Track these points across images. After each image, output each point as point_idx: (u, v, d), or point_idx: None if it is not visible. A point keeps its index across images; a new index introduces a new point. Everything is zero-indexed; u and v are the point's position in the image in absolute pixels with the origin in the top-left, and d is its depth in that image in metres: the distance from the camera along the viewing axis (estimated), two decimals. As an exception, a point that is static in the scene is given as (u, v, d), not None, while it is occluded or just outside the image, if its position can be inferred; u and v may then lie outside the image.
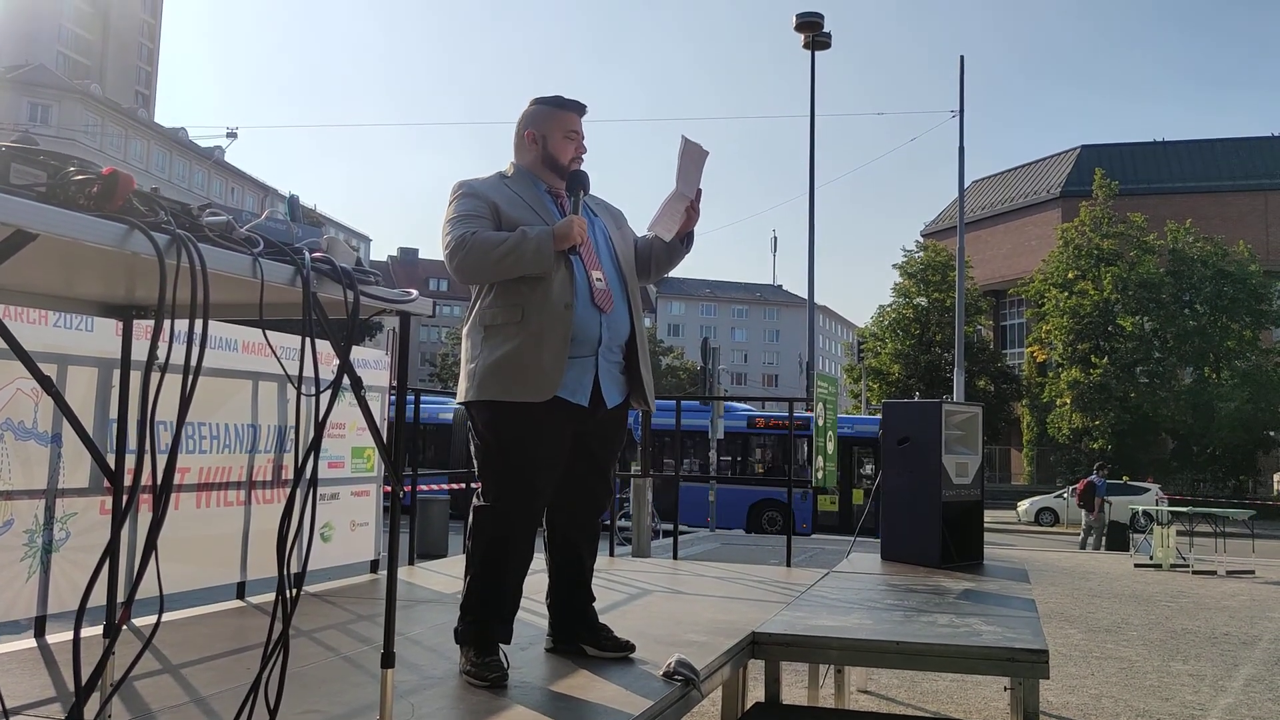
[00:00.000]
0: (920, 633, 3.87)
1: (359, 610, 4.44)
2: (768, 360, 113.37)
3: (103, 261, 2.00)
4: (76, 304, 2.92)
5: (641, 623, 4.06)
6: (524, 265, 3.17)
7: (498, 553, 3.27)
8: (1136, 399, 37.05)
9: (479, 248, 3.16)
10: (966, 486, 6.05)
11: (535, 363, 3.17)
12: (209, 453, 4.83)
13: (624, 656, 3.41)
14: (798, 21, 25.38)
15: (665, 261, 3.63)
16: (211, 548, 4.86)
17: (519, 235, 3.17)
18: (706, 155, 3.47)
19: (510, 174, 3.46)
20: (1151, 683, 6.76)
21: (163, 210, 1.79)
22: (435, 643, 3.67)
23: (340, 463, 5.81)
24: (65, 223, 1.60)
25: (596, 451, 3.45)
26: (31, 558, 3.95)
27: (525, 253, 3.15)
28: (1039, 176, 51.87)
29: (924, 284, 43.48)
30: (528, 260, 3.16)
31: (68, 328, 4.05)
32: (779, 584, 5.43)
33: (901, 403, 6.71)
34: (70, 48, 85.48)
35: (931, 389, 39.44)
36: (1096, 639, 8.44)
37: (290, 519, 2.01)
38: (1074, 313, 38.51)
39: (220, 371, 4.84)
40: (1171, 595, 11.74)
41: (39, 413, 3.95)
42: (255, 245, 1.96)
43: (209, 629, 4.00)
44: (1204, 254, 38.11)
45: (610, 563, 6.23)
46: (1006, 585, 5.25)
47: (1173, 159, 49.33)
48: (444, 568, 5.94)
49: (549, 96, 3.49)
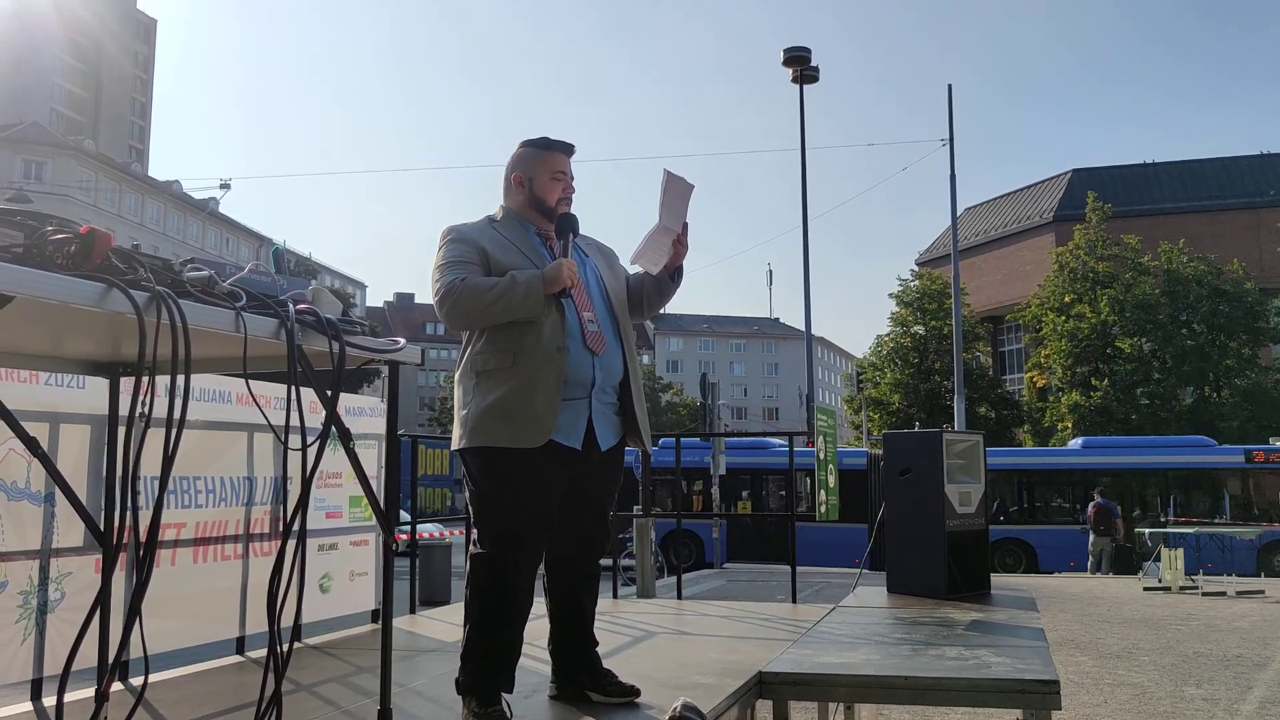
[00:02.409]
0: (929, 666, 3.82)
1: (359, 662, 4.38)
2: (767, 393, 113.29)
3: (86, 320, 1.98)
4: (65, 363, 2.91)
5: (646, 666, 4.01)
6: (514, 311, 3.15)
7: (497, 600, 3.22)
8: (1138, 420, 36.95)
9: (468, 294, 3.14)
10: (970, 515, 6.01)
11: (528, 407, 3.14)
12: (205, 507, 4.78)
13: (629, 701, 3.36)
14: (785, 56, 25.59)
15: (656, 297, 3.62)
16: (209, 603, 4.81)
17: (508, 281, 3.15)
18: (691, 189, 3.45)
19: (499, 217, 3.45)
20: (1165, 708, 6.68)
21: (142, 267, 1.78)
22: (437, 694, 3.61)
23: (338, 512, 5.76)
24: (41, 283, 1.58)
25: (593, 494, 3.41)
26: (26, 619, 3.90)
27: (514, 298, 3.13)
28: (1031, 201, 52.04)
29: (921, 312, 43.48)
30: (517, 305, 3.14)
31: (59, 385, 4.02)
32: (785, 621, 5.37)
33: (901, 433, 6.67)
34: (63, 104, 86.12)
35: (932, 417, 39.33)
36: (1108, 665, 8.35)
37: (280, 574, 1.97)
38: (1072, 336, 38.49)
39: (213, 424, 4.80)
40: (1181, 618, 11.65)
41: (31, 472, 3.91)
42: (238, 299, 1.94)
43: (208, 686, 3.94)
44: (1199, 273, 38.14)
45: (614, 604, 6.16)
46: (1015, 615, 5.19)
47: (1164, 180, 49.54)
48: (446, 615, 5.88)
49: (535, 138, 3.48)
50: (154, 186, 76.32)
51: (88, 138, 75.84)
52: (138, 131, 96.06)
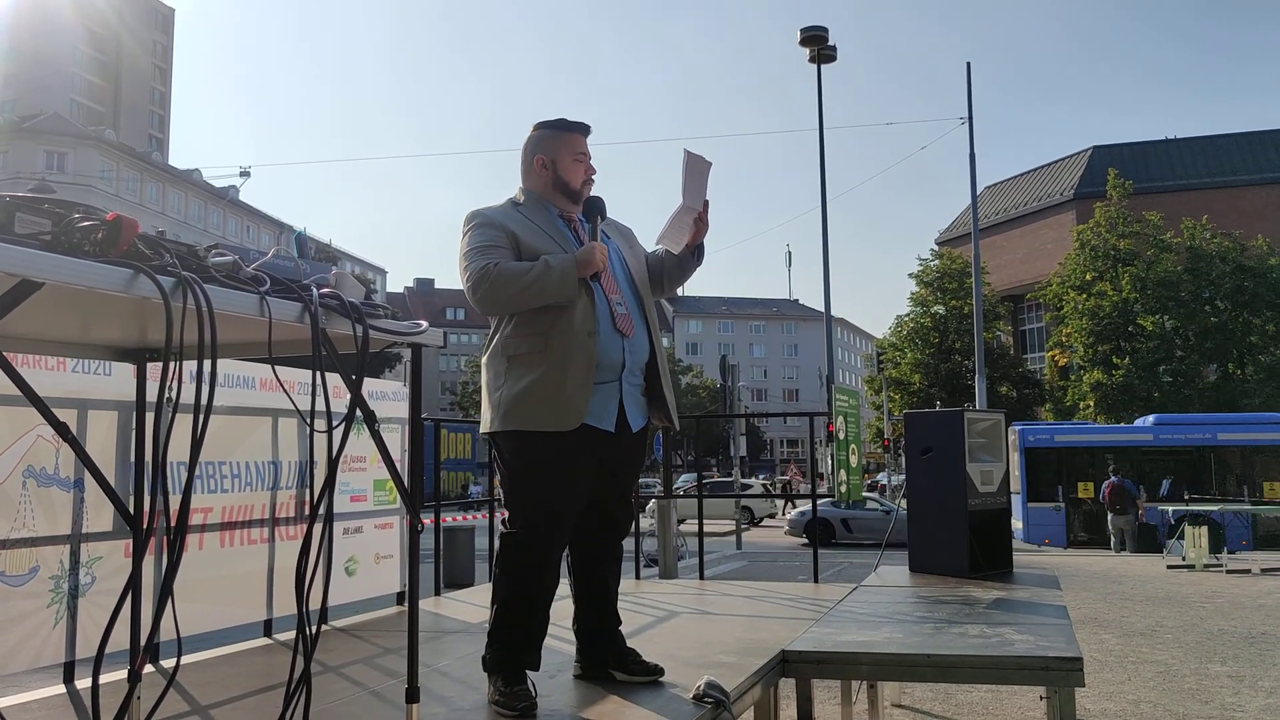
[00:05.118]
0: (952, 645, 3.83)
1: (385, 644, 4.43)
2: (788, 375, 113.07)
3: (113, 306, 2.00)
4: (92, 349, 2.93)
5: (670, 645, 4.03)
6: (548, 295, 3.15)
7: (525, 581, 3.25)
8: (1161, 398, 36.70)
9: (503, 279, 3.14)
10: (992, 494, 6.00)
11: (561, 392, 3.16)
12: (231, 491, 4.83)
13: (653, 680, 3.38)
14: (803, 35, 25.42)
15: (677, 275, 3.63)
16: (237, 586, 4.86)
17: (542, 265, 3.15)
18: (709, 166, 3.47)
19: (522, 201, 3.44)
20: (1189, 686, 6.67)
21: (168, 253, 1.80)
22: (463, 674, 3.65)
23: (363, 496, 5.80)
24: (70, 270, 1.60)
25: (620, 475, 3.44)
26: (58, 603, 3.96)
27: (549, 282, 3.13)
28: (1051, 179, 51.66)
29: (941, 292, 43.30)
30: (552, 290, 3.14)
31: (87, 373, 4.07)
32: (808, 600, 5.39)
33: (922, 413, 6.65)
34: (83, 95, 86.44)
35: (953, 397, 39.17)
36: (1132, 643, 8.34)
37: (308, 556, 1.99)
38: (1093, 314, 38.23)
39: (239, 410, 4.85)
40: (1206, 596, 11.60)
41: (60, 459, 3.96)
42: (262, 284, 1.95)
43: (236, 668, 3.99)
44: (1222, 249, 37.79)
45: (637, 585, 6.20)
46: (1037, 593, 5.19)
47: (1185, 156, 49.05)
48: (470, 597, 5.92)
49: (553, 120, 3.48)
50: (175, 175, 76.63)
51: (108, 128, 76.20)
52: (157, 121, 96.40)
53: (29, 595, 3.83)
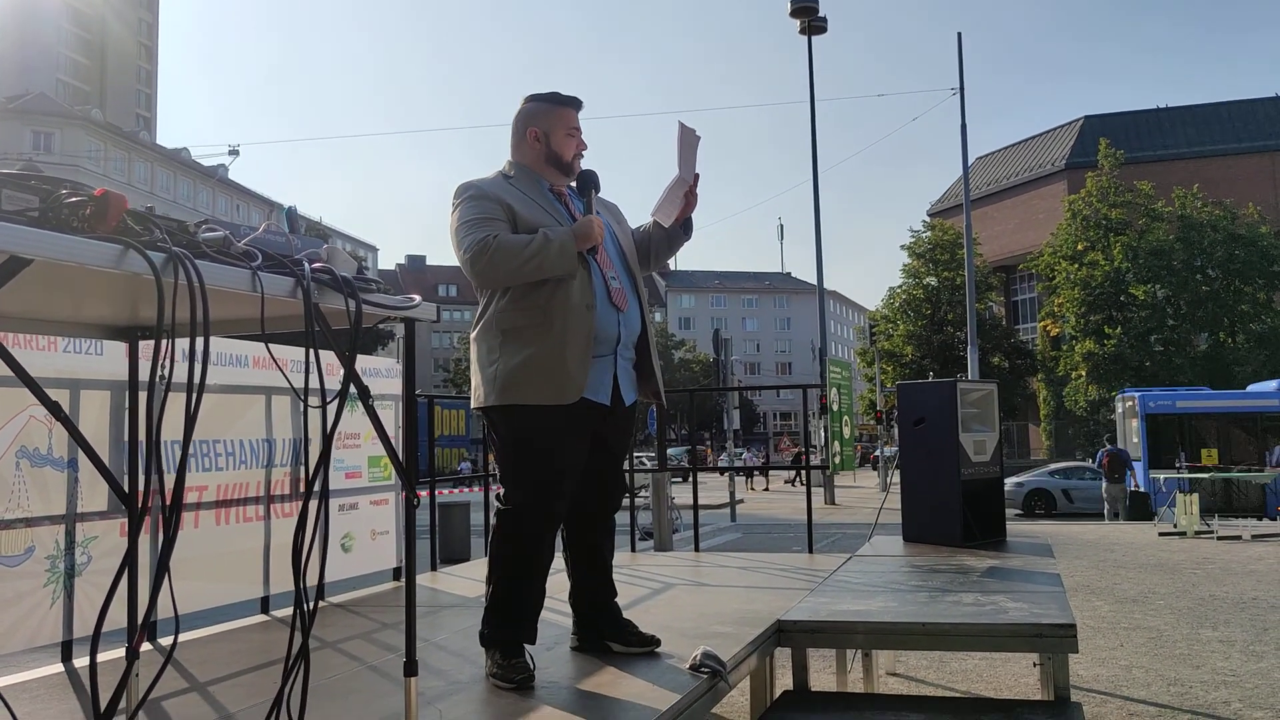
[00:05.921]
0: (946, 613, 3.85)
1: (382, 619, 4.44)
2: (780, 348, 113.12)
3: (104, 283, 1.99)
4: (84, 328, 2.92)
5: (666, 616, 4.05)
6: (548, 268, 3.14)
7: (522, 555, 3.25)
8: (1152, 368, 36.83)
9: (502, 252, 3.12)
10: (985, 464, 6.02)
11: (560, 365, 3.15)
12: (225, 469, 4.83)
13: (649, 651, 3.40)
14: (793, 7, 25.31)
15: (665, 249, 3.62)
16: (233, 564, 4.86)
17: (542, 239, 3.13)
18: (699, 140, 3.47)
19: (512, 173, 3.42)
20: (1181, 651, 6.72)
21: (158, 228, 1.78)
22: (460, 647, 3.67)
23: (358, 472, 5.80)
24: (59, 246, 1.59)
25: (614, 447, 3.45)
26: (54, 583, 3.96)
27: (549, 256, 3.12)
28: (1043, 149, 51.59)
29: (933, 263, 43.33)
30: (551, 263, 3.13)
31: (78, 352, 4.05)
32: (802, 570, 5.41)
33: (916, 384, 6.67)
34: (69, 74, 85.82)
35: (946, 368, 39.27)
36: (1124, 610, 8.39)
37: (304, 532, 2.00)
38: (1085, 284, 38.30)
39: (232, 387, 4.84)
40: (1197, 562, 11.68)
41: (53, 438, 3.95)
42: (254, 259, 1.94)
43: (234, 645, 4.00)
44: (1213, 218, 37.81)
45: (632, 558, 6.22)
46: (1030, 561, 5.21)
47: (1177, 125, 48.98)
48: (467, 571, 5.94)
49: (545, 93, 3.46)
50: (163, 154, 76.24)
51: (94, 107, 75.68)
52: (144, 100, 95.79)
53: (25, 575, 3.83)
